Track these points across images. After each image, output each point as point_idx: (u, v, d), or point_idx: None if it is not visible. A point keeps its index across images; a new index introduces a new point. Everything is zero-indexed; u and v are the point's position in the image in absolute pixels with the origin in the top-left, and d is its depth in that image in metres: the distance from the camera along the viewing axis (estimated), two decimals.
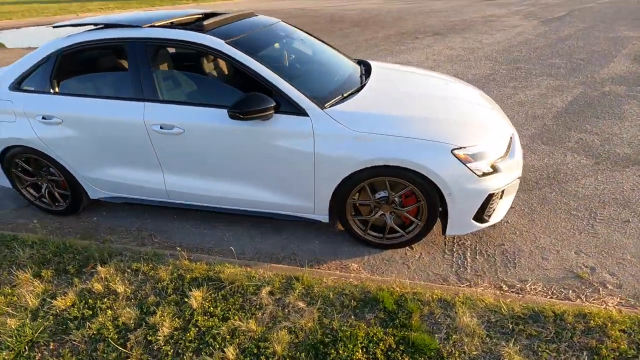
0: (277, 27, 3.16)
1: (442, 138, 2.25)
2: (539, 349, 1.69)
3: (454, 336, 1.76)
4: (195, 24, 2.55)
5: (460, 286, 2.24)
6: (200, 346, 1.73)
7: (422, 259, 2.51)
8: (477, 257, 2.51)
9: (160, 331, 1.78)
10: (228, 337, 1.75)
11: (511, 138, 2.53)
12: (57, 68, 2.69)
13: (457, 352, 1.68)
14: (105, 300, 1.99)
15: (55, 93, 2.71)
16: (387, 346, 1.70)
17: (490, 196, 2.35)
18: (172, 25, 2.52)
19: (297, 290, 2.03)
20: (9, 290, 2.08)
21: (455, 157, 2.22)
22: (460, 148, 2.24)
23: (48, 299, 2.00)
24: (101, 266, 2.23)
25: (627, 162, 3.55)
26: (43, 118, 2.69)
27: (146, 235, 2.85)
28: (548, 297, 2.15)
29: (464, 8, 18.16)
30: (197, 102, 2.45)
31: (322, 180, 2.40)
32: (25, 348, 1.74)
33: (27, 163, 2.95)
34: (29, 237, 2.59)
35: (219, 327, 1.80)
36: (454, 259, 2.50)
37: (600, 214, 2.85)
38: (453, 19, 14.45)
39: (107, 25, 2.63)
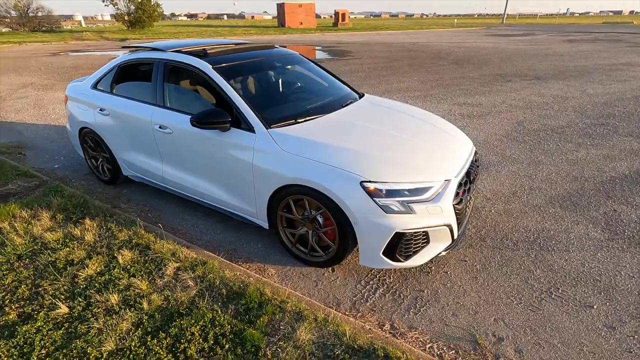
0: (280, 59, 3.68)
1: (356, 169, 2.38)
2: None
3: (281, 343, 1.90)
4: (202, 51, 3.23)
5: (343, 313, 2.30)
6: (102, 288, 2.25)
7: (334, 282, 2.61)
8: (387, 294, 2.49)
9: (86, 270, 2.39)
10: (123, 287, 2.25)
11: (447, 183, 2.47)
12: (115, 76, 3.71)
13: (271, 354, 1.82)
14: (75, 242, 2.72)
15: (110, 93, 3.72)
16: (221, 331, 1.94)
17: (400, 235, 2.35)
18: (181, 51, 3.25)
19: (196, 272, 2.41)
20: (30, 221, 2.99)
21: (364, 189, 2.33)
22: (371, 182, 2.33)
23: (46, 232, 2.83)
24: (90, 220, 3.01)
25: None
26: (100, 110, 3.72)
27: (145, 210, 3.60)
28: (422, 349, 2.06)
29: (595, 53, 16.05)
30: (183, 111, 3.10)
31: (259, 189, 2.75)
32: (13, 258, 2.55)
33: (92, 141, 4.04)
34: (68, 191, 3.59)
35: (122, 279, 2.31)
36: (362, 290, 2.53)
37: (562, 292, 2.48)
38: (570, 64, 12.97)
39: (149, 49, 3.53)
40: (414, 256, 2.49)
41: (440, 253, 2.55)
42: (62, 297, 2.19)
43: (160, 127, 3.20)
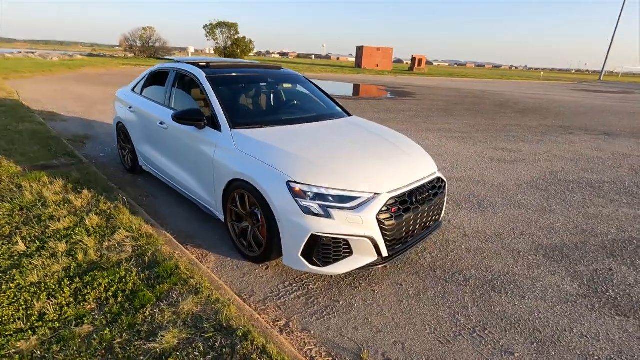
0: (280, 77, 4.07)
1: (286, 170, 2.53)
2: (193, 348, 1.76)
3: (164, 306, 2.05)
4: (206, 63, 3.74)
5: (244, 301, 2.38)
6: (60, 239, 2.66)
7: (261, 278, 2.70)
8: (302, 298, 2.50)
9: (58, 224, 2.85)
10: (74, 241, 2.64)
11: (375, 196, 2.48)
12: (146, 81, 4.42)
13: (149, 313, 1.99)
14: (66, 205, 3.24)
15: (139, 95, 4.43)
16: (122, 288, 2.17)
17: (315, 238, 2.40)
18: (190, 63, 3.79)
19: (139, 242, 2.71)
20: (47, 185, 3.64)
21: (290, 188, 2.46)
22: (297, 182, 2.46)
23: (51, 195, 3.42)
24: (87, 192, 3.56)
25: (627, 311, 2.50)
26: (129, 108, 4.44)
27: (144, 194, 4.09)
28: (298, 347, 2.04)
29: None
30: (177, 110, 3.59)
31: (216, 182, 3.03)
32: (17, 208, 3.14)
33: (123, 134, 4.78)
34: (90, 170, 4.28)
35: (79, 235, 2.70)
36: (281, 289, 2.58)
37: (487, 333, 2.25)
38: None
39: (166, 60, 4.18)
40: (334, 264, 2.49)
41: (366, 267, 2.52)
42: (28, 239, 2.65)
43: (161, 123, 3.72)
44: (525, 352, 2.12)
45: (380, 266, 2.76)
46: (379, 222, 2.46)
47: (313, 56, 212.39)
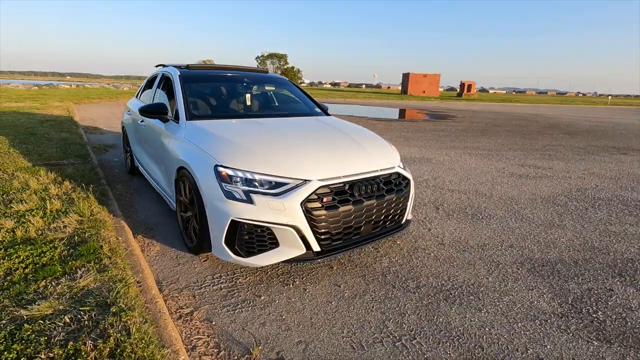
0: (263, 79, 4.10)
1: (216, 154, 2.45)
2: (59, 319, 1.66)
3: (63, 280, 2.01)
4: (187, 65, 3.88)
5: (159, 286, 2.26)
6: (14, 217, 2.77)
7: (194, 268, 2.56)
8: (224, 290, 2.32)
9: (21, 205, 3.00)
10: (24, 220, 2.75)
11: (303, 183, 2.28)
12: (144, 87, 4.70)
13: (47, 284, 1.94)
14: (42, 192, 3.44)
15: (137, 99, 4.70)
16: (38, 260, 2.19)
17: (236, 224, 2.26)
18: (175, 66, 3.93)
19: (83, 225, 2.76)
20: (38, 177, 3.89)
21: (217, 173, 2.36)
22: (224, 167, 2.35)
23: (36, 184, 3.64)
24: (69, 183, 3.76)
25: (613, 337, 1.97)
26: (128, 111, 4.72)
27: (129, 192, 4.23)
28: (186, 334, 1.85)
29: None
30: None
31: (169, 171, 3.03)
32: (1, 192, 3.40)
33: (125, 137, 5.06)
34: (87, 167, 4.56)
35: (33, 216, 2.82)
36: (207, 280, 2.41)
37: (414, 344, 1.90)
38: None
39: (160, 66, 4.40)
40: (259, 255, 2.31)
41: (296, 261, 2.31)
42: None
43: (141, 121, 3.89)
44: None
45: (313, 261, 2.54)
46: (306, 211, 2.25)
47: (364, 85, 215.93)
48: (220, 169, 2.35)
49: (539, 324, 2.08)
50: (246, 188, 2.28)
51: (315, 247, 2.32)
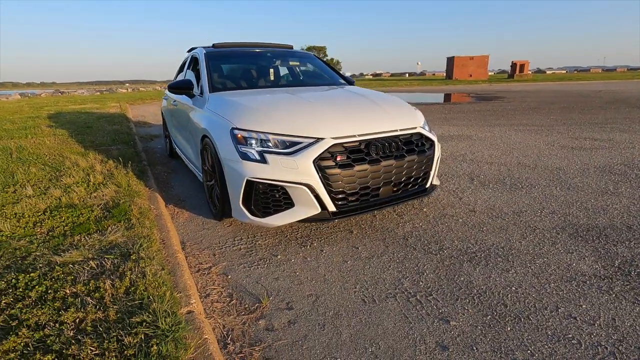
0: (287, 54, 4.10)
1: (233, 118, 2.49)
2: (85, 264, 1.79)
3: (96, 235, 2.17)
4: (213, 44, 3.99)
5: (181, 244, 2.37)
6: (62, 188, 3.04)
7: (217, 232, 2.63)
8: (243, 249, 2.36)
9: (68, 179, 3.29)
10: (69, 191, 3.01)
11: (315, 141, 2.25)
12: (178, 71, 4.91)
13: (77, 240, 2.10)
14: (89, 169, 3.75)
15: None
16: (76, 220, 2.39)
17: (251, 184, 2.29)
18: (199, 47, 4.06)
19: (119, 194, 2.97)
20: (86, 158, 4.25)
21: (232, 135, 2.41)
22: (239, 129, 2.40)
23: (83, 163, 3.98)
24: (112, 162, 4.06)
25: None
26: (164, 97, 4.98)
27: (167, 171, 4.48)
28: (202, 286, 1.92)
29: None
30: None
31: (195, 142, 3.15)
32: (52, 170, 3.75)
33: (164, 122, 5.35)
34: (131, 151, 4.89)
35: (77, 186, 3.08)
36: (228, 241, 2.48)
37: (429, 300, 1.80)
38: None
39: (191, 50, 4.56)
40: (274, 215, 2.33)
41: (312, 220, 2.30)
42: (38, 187, 3.13)
43: (174, 102, 4.08)
44: (468, 322, 1.62)
45: (330, 222, 2.51)
46: (320, 169, 2.22)
47: (407, 74, 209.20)
48: (236, 131, 2.40)
49: (575, 285, 1.88)
50: (260, 148, 2.30)
51: (331, 207, 2.29)
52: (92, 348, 1.24)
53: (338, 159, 2.27)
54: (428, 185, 2.74)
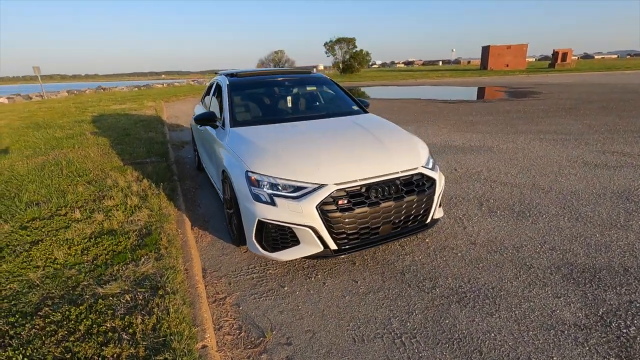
0: (304, 81, 4.34)
1: (247, 161, 2.76)
2: (122, 296, 2.15)
3: (131, 267, 2.54)
4: (236, 72, 4.28)
5: (202, 272, 2.71)
6: (104, 210, 3.49)
7: (235, 259, 2.97)
8: (255, 279, 2.68)
9: (110, 201, 3.74)
10: (110, 213, 3.45)
11: (319, 187, 2.49)
12: (205, 92, 5.28)
13: (116, 270, 2.48)
14: (125, 189, 4.20)
15: (201, 102, 5.31)
16: (116, 248, 2.79)
17: (262, 223, 2.58)
18: (227, 74, 4.36)
19: (151, 218, 3.37)
20: (124, 176, 4.72)
21: (247, 177, 2.70)
22: (253, 172, 2.68)
23: (122, 182, 4.45)
24: (146, 181, 4.51)
25: None
26: (194, 115, 5.38)
27: (195, 186, 4.89)
28: (213, 314, 2.24)
29: None
30: None
31: (218, 172, 3.49)
32: (96, 189, 4.24)
33: (193, 137, 5.77)
34: (164, 166, 5.34)
35: (116, 210, 3.52)
36: (243, 269, 2.80)
37: (411, 342, 2.02)
38: None
39: (217, 73, 4.89)
40: (282, 250, 2.61)
41: (316, 257, 2.56)
42: (85, 210, 3.59)
43: (200, 126, 4.44)
44: None
45: (333, 258, 2.75)
46: (322, 212, 2.46)
47: (440, 62, 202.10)
48: (250, 174, 2.68)
49: (553, 334, 2.02)
50: (270, 191, 2.57)
51: (332, 246, 2.54)
52: None
53: (340, 203, 2.50)
54: (428, 220, 2.91)
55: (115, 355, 1.73)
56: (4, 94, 22.87)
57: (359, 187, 2.55)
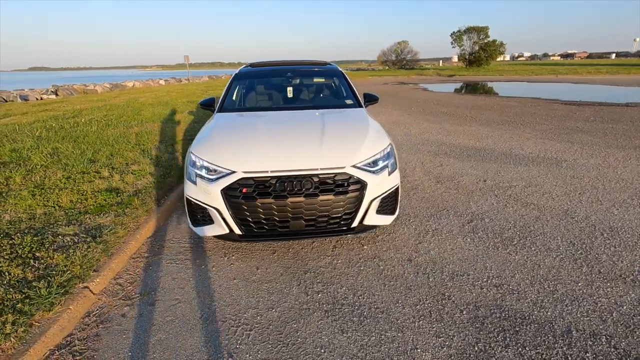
0: (313, 73, 4.39)
1: (195, 142, 3.06)
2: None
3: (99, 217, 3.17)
4: (255, 63, 4.59)
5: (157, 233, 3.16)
6: (126, 172, 4.31)
7: (187, 230, 3.37)
8: (182, 249, 3.01)
9: (134, 166, 4.57)
10: (123, 175, 4.24)
11: (229, 173, 2.62)
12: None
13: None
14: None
15: None
16: (113, 200, 3.49)
17: (188, 201, 2.85)
18: (246, 65, 4.70)
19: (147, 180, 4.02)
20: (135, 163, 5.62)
21: (190, 157, 2.98)
22: (193, 154, 2.93)
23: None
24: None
25: None
26: None
27: None
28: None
29: None
30: None
31: None
32: (140, 155, 5.19)
33: None
34: None
35: (129, 175, 4.29)
36: (181, 239, 3.16)
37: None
38: None
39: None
40: (202, 226, 2.85)
41: (224, 238, 2.74)
42: (115, 170, 4.49)
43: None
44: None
45: (240, 242, 2.86)
46: (226, 197, 2.60)
47: (613, 55, 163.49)
48: (192, 155, 2.97)
49: None
50: (197, 172, 2.83)
51: (237, 230, 2.65)
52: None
53: (243, 191, 2.59)
54: (354, 225, 2.73)
55: (14, 274, 2.29)
56: (163, 77, 28.86)
57: (268, 178, 2.58)
